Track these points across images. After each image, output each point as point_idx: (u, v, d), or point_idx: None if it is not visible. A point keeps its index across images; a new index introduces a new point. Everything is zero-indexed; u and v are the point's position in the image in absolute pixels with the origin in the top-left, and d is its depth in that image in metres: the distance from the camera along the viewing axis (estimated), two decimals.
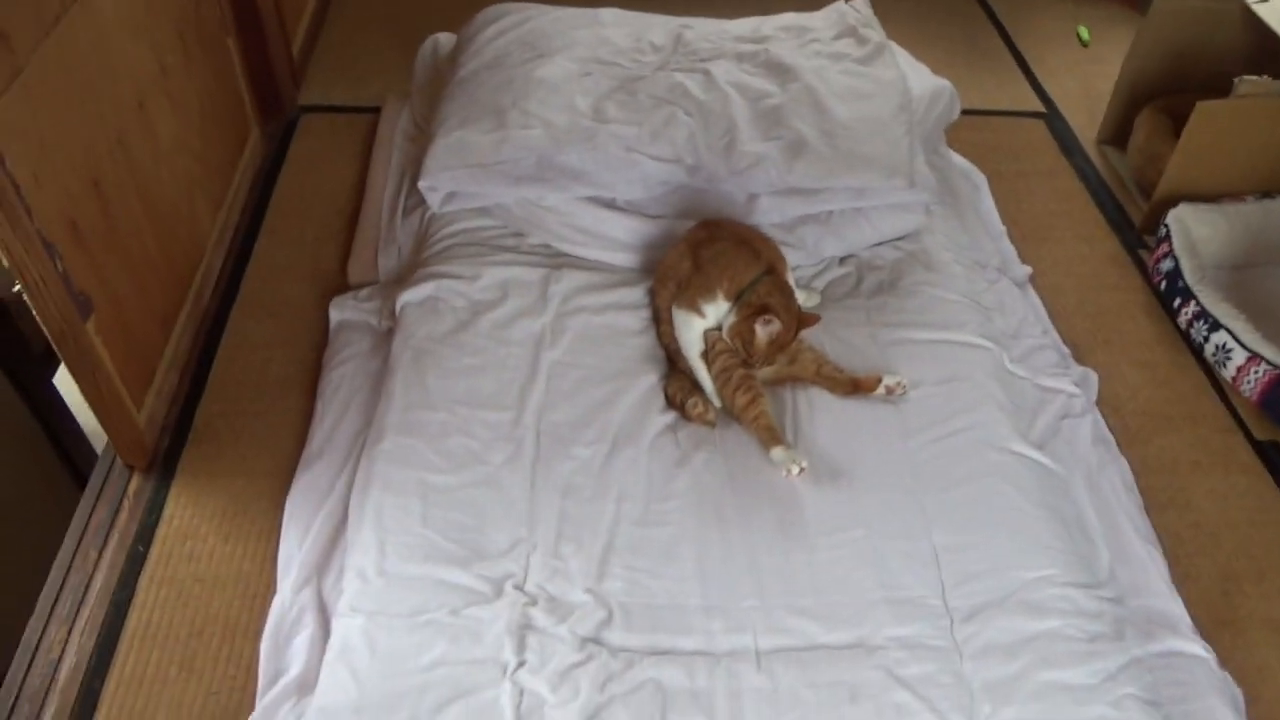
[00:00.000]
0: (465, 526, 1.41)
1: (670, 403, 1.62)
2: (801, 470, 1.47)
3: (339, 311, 1.85)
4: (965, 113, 2.31)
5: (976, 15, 3.04)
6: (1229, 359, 1.82)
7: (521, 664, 1.27)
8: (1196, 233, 2.00)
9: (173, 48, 1.84)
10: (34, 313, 1.39)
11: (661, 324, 1.71)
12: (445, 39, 2.41)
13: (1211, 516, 1.66)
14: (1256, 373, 1.77)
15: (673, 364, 1.68)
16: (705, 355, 1.62)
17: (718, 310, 1.61)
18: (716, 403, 1.61)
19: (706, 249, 1.67)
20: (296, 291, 1.97)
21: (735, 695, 1.26)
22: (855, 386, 1.62)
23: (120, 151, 1.61)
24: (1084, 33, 2.93)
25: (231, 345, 1.86)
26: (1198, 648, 1.40)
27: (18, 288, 1.37)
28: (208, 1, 2.02)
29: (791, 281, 1.68)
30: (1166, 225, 2.01)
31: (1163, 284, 2.01)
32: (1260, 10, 2.13)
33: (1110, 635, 1.33)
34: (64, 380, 1.69)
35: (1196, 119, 1.96)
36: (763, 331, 1.53)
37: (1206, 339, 1.87)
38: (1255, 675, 1.41)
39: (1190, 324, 1.91)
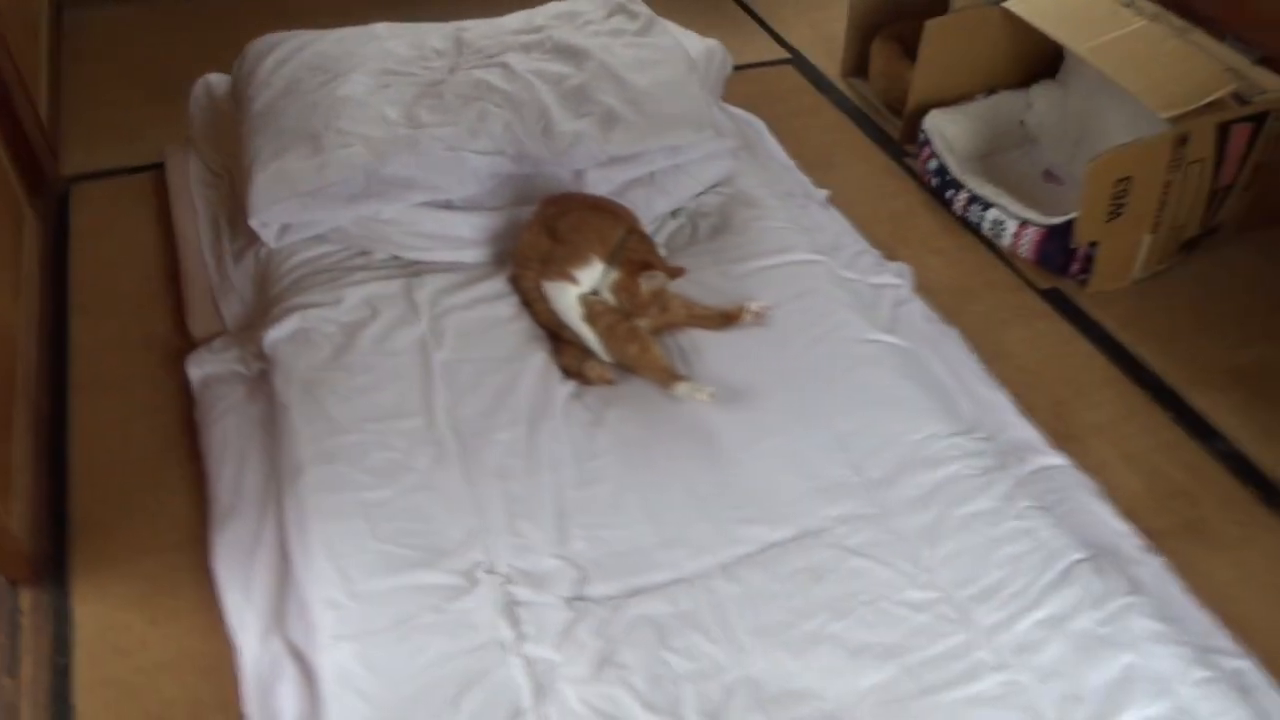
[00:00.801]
0: (417, 531, 1.42)
1: (568, 373, 1.69)
2: (710, 395, 1.60)
3: (199, 367, 1.76)
4: None
5: None
6: (1004, 230, 2.14)
7: (520, 637, 1.31)
8: (949, 132, 2.33)
9: None
10: None
11: (534, 304, 1.78)
12: (217, 79, 2.31)
13: (1029, 359, 1.96)
14: (1028, 235, 2.10)
15: (557, 338, 1.75)
16: (586, 319, 1.71)
17: (592, 274, 1.70)
18: (609, 360, 1.70)
19: (562, 221, 1.75)
20: (133, 361, 1.85)
21: (717, 607, 1.37)
22: (726, 319, 1.77)
23: None
24: None
25: (82, 431, 1.72)
26: (1057, 459, 1.67)
27: None
28: None
29: None
30: (924, 131, 2.33)
31: (934, 181, 2.32)
32: None
33: (996, 466, 1.56)
34: None
35: (928, 36, 2.27)
36: (647, 285, 1.64)
37: (982, 218, 2.19)
38: (1101, 468, 1.70)
39: (965, 208, 2.23)
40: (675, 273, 1.72)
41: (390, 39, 2.22)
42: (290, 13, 2.57)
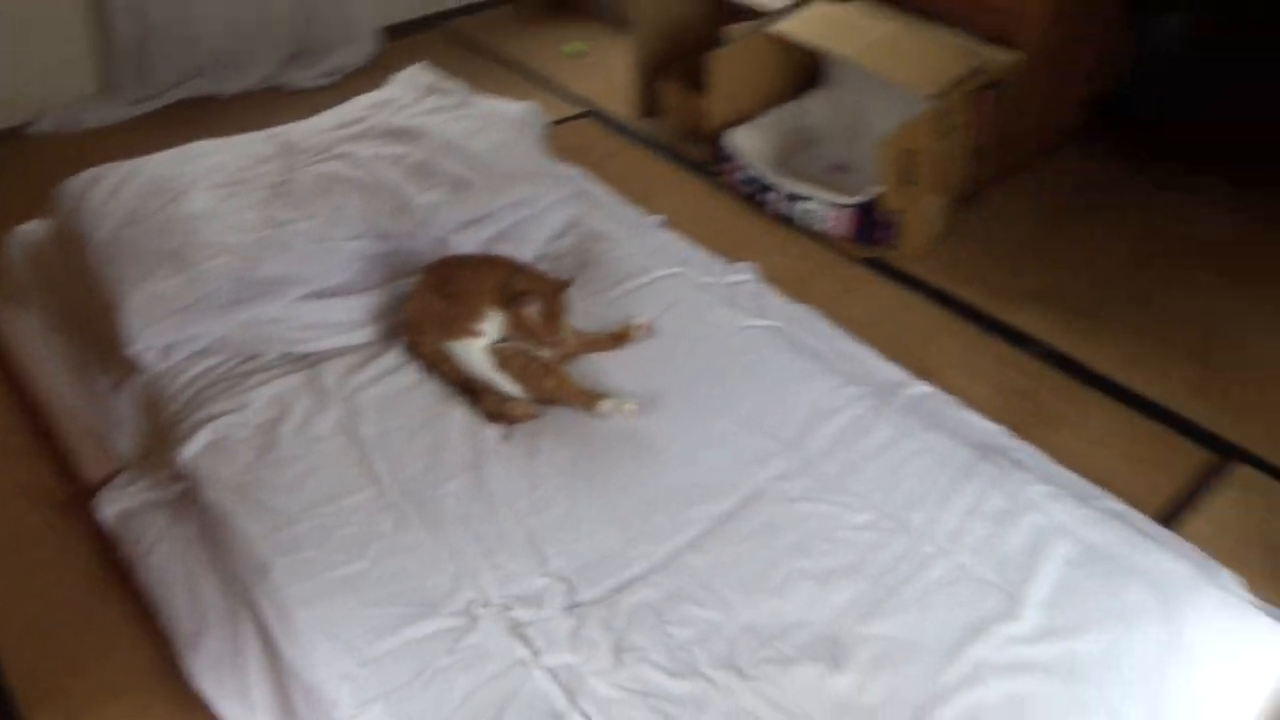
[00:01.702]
0: (404, 590, 1.47)
1: (492, 418, 1.78)
2: (633, 406, 1.74)
3: (111, 506, 1.70)
4: None
5: (484, 64, 3.49)
6: (819, 217, 2.45)
7: (536, 652, 1.39)
8: (748, 146, 2.62)
9: None
10: None
11: (440, 365, 1.85)
12: (32, 228, 2.23)
13: (871, 317, 2.25)
14: (841, 217, 2.42)
15: (470, 390, 1.84)
16: (498, 367, 1.81)
17: (491, 324, 1.81)
18: (530, 399, 1.81)
19: (450, 284, 1.85)
20: (19, 520, 1.77)
21: (696, 577, 1.50)
22: (616, 339, 1.93)
23: None
24: (580, 46, 3.53)
25: None
26: (925, 387, 1.93)
27: None
28: None
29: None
30: (731, 147, 2.61)
31: (746, 190, 2.60)
32: None
33: (881, 403, 1.80)
34: None
35: (713, 66, 2.57)
36: (531, 311, 1.76)
37: (795, 211, 2.48)
38: (957, 388, 1.94)
39: (782, 205, 2.52)
40: (563, 285, 1.84)
41: (215, 154, 2.24)
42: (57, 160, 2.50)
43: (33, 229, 2.25)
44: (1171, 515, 1.81)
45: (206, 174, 2.14)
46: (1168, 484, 1.86)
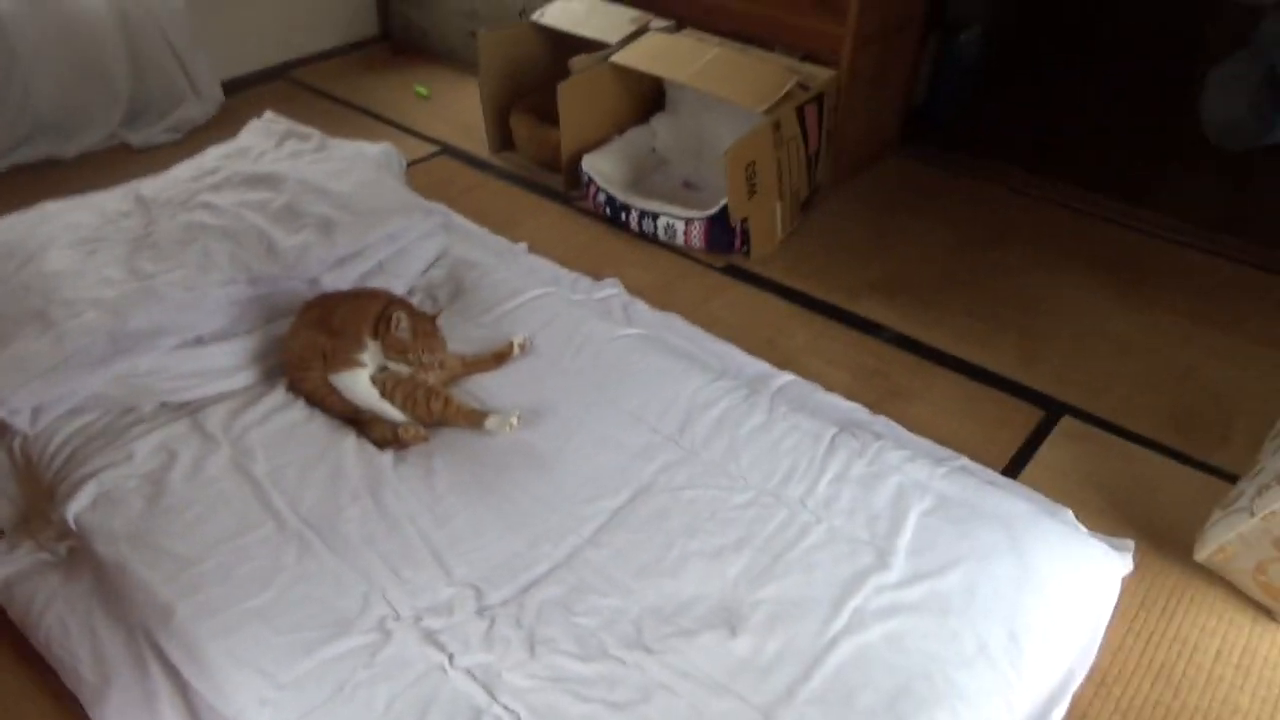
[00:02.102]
0: (314, 614, 1.50)
1: (383, 445, 1.83)
2: (518, 420, 1.82)
3: None
4: None
5: (332, 108, 3.52)
6: (675, 231, 2.61)
7: (451, 656, 1.45)
8: (603, 169, 2.76)
9: None
10: None
11: (325, 400, 1.88)
12: None
13: (732, 319, 2.41)
14: (695, 229, 2.58)
15: (359, 423, 1.87)
16: (385, 396, 1.86)
17: (373, 354, 1.86)
18: (416, 424, 1.86)
19: (331, 318, 1.89)
20: None
21: (597, 570, 1.59)
22: (498, 358, 2.01)
23: None
24: (423, 90, 3.60)
25: None
26: (787, 376, 2.09)
27: None
28: None
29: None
30: (586, 172, 2.74)
31: (606, 210, 2.74)
32: (544, 20, 2.97)
33: (751, 392, 1.95)
34: None
35: (562, 97, 2.69)
36: (402, 330, 1.82)
37: (655, 227, 2.63)
38: (817, 375, 2.14)
39: (640, 223, 2.66)
40: (431, 315, 1.91)
41: (68, 213, 2.21)
42: None
43: None
44: (1013, 467, 2.02)
45: (61, 233, 2.11)
46: (1007, 440, 2.08)
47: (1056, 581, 1.60)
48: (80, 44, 3.08)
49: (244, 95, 3.55)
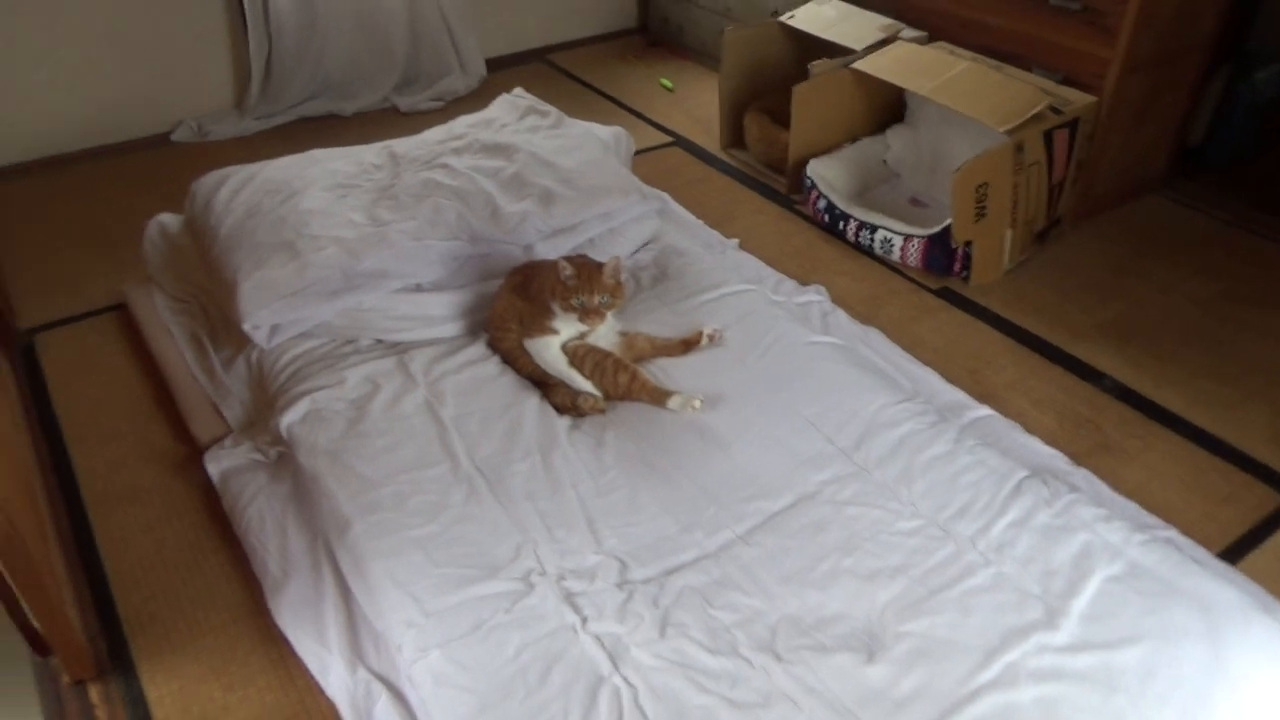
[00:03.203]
0: (469, 554, 1.58)
1: (562, 410, 1.90)
2: (701, 403, 1.83)
3: (216, 464, 1.87)
4: None
5: (581, 92, 3.68)
6: (893, 246, 2.51)
7: (585, 619, 1.48)
8: (828, 176, 2.71)
9: None
10: None
11: (517, 360, 1.98)
12: (169, 219, 2.47)
13: (938, 343, 2.29)
14: (914, 247, 2.47)
15: (544, 386, 1.96)
16: (572, 364, 1.93)
17: (566, 323, 1.93)
18: (602, 394, 1.91)
19: (530, 285, 1.99)
20: (141, 475, 1.95)
21: (744, 568, 1.57)
22: (686, 345, 2.02)
23: None
24: (667, 83, 3.69)
25: (111, 543, 1.79)
26: (985, 410, 1.97)
27: None
28: None
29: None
30: (810, 177, 2.70)
31: (825, 217, 2.68)
32: (793, 22, 2.95)
33: (940, 420, 1.85)
34: None
35: (797, 99, 2.67)
36: (567, 276, 1.86)
37: (872, 240, 2.55)
38: (1019, 414, 2.02)
39: (857, 235, 2.59)
40: (597, 265, 1.91)
41: (330, 161, 2.45)
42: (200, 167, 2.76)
43: (168, 220, 2.48)
44: (1233, 552, 1.79)
45: (322, 177, 2.34)
46: (1231, 520, 1.85)
47: (1255, 684, 1.40)
48: (371, 18, 3.42)
49: (504, 73, 3.78)
